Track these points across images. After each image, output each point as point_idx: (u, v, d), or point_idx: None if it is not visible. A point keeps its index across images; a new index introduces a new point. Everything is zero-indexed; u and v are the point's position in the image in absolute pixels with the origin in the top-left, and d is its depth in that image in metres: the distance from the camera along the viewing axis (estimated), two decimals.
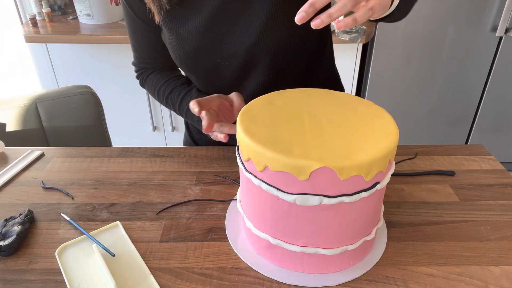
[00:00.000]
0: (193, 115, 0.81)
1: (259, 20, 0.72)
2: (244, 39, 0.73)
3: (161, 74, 0.87)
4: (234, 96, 0.73)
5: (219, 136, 0.69)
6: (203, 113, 0.66)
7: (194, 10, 0.73)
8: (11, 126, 1.12)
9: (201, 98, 0.69)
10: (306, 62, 0.81)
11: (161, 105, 1.99)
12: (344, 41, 1.72)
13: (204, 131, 0.66)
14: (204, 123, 0.66)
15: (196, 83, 0.85)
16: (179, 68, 0.85)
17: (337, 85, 0.95)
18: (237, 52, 0.75)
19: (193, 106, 0.67)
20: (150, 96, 1.99)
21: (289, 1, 0.71)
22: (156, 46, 0.83)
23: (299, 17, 0.48)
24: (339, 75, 0.96)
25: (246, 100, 0.79)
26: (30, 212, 0.67)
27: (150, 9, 0.74)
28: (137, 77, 0.91)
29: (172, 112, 2.04)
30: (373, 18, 0.58)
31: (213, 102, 0.71)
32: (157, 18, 0.74)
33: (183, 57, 0.77)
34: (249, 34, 0.73)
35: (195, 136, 0.99)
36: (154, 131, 2.13)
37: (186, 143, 1.04)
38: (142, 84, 0.91)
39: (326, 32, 0.84)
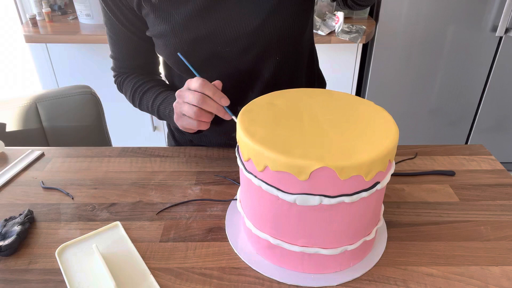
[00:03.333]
0: (165, 108, 0.77)
1: (267, 2, 0.69)
2: (249, 22, 0.70)
3: (140, 77, 0.83)
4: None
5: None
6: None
7: None
8: (11, 126, 1.12)
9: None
10: (305, 47, 0.81)
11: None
12: (344, 41, 1.72)
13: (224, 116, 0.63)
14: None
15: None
16: (171, 66, 0.80)
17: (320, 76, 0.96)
18: (241, 36, 0.71)
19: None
20: None
21: None
22: (137, 51, 0.80)
23: None
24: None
25: (255, 86, 0.78)
26: (30, 212, 0.67)
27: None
28: (115, 82, 0.88)
29: None
30: None
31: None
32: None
33: (178, 48, 0.71)
34: (255, 17, 0.69)
35: (177, 136, 0.96)
36: (154, 131, 2.13)
37: (169, 144, 1.01)
38: (120, 88, 0.87)
39: (313, 22, 0.85)
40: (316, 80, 0.92)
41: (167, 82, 0.89)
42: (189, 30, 0.70)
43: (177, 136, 0.97)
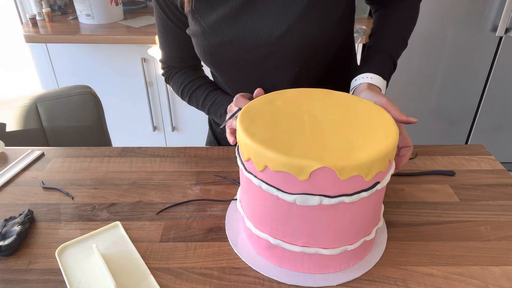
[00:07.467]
0: (216, 110, 0.84)
1: (290, 14, 0.71)
2: (271, 32, 0.73)
3: (187, 74, 0.90)
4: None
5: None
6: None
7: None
8: (11, 126, 1.12)
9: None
10: (331, 58, 0.81)
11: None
12: None
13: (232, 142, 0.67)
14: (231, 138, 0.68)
15: (219, 77, 0.86)
16: (203, 63, 0.87)
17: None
18: (262, 45, 0.74)
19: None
20: (149, 96, 1.99)
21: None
22: (184, 45, 0.85)
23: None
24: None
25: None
26: (30, 212, 0.67)
27: None
28: (163, 74, 0.94)
29: (172, 112, 2.04)
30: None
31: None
32: (187, 6, 0.75)
33: (207, 49, 0.77)
34: (277, 28, 0.72)
35: (218, 135, 1.00)
36: (154, 131, 2.12)
37: (208, 143, 1.05)
38: (167, 81, 0.94)
39: (351, 34, 0.85)
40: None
41: (211, 78, 0.96)
42: (216, 34, 0.75)
43: (218, 136, 1.01)
